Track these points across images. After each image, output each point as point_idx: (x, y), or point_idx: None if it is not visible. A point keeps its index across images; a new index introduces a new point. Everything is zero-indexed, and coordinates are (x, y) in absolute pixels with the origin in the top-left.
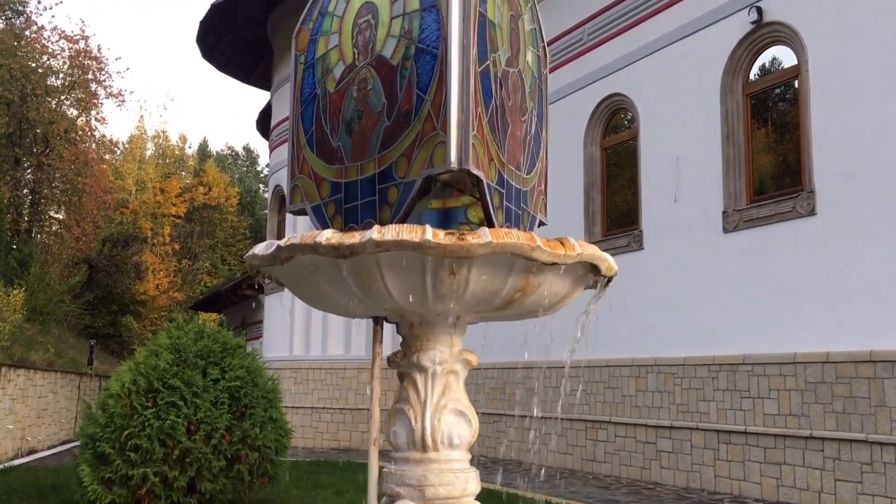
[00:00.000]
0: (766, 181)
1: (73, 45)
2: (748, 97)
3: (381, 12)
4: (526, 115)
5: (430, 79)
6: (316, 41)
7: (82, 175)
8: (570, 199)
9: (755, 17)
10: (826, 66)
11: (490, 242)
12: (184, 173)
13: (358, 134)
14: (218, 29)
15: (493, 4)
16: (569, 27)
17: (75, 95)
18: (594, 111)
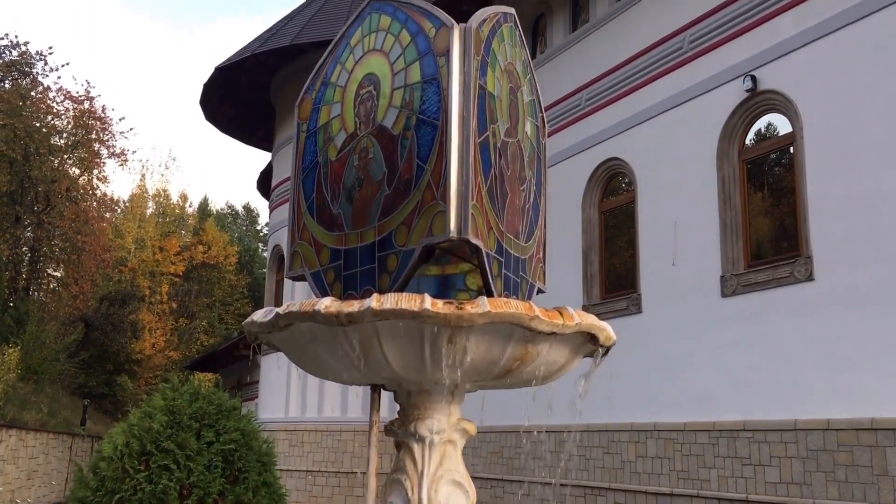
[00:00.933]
0: (763, 246)
1: (78, 105)
2: (744, 163)
3: (382, 83)
4: (525, 184)
5: (431, 149)
6: (318, 110)
7: (82, 233)
8: (568, 262)
9: (750, 85)
10: (821, 133)
11: (489, 312)
12: (183, 232)
13: (358, 202)
14: (221, 91)
15: (493, 77)
16: (567, 93)
17: (78, 155)
18: (592, 175)
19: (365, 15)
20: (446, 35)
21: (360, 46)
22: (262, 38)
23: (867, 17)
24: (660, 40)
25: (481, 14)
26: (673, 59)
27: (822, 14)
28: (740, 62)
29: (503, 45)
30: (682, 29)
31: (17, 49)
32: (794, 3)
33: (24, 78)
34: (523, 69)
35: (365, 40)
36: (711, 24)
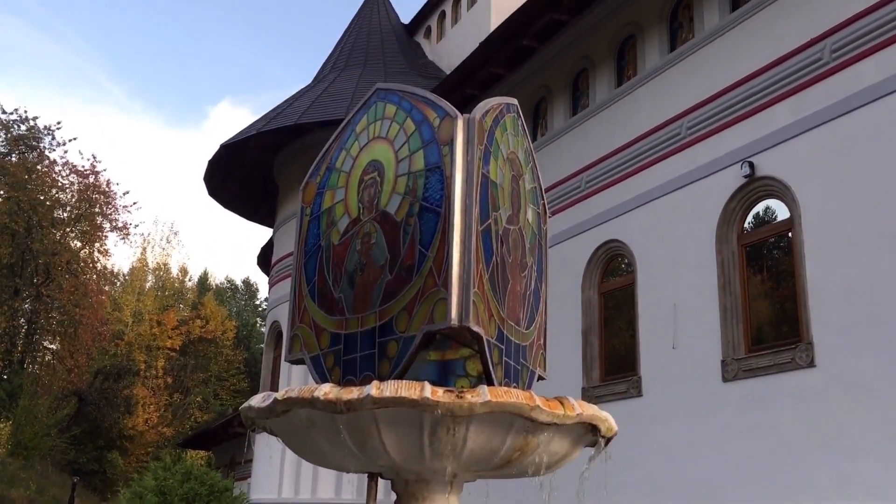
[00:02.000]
0: (764, 330)
1: (83, 179)
2: (743, 247)
3: (387, 170)
4: (526, 271)
5: (433, 236)
6: (322, 194)
7: (80, 306)
8: (568, 343)
9: (748, 171)
10: (819, 219)
11: (489, 401)
12: (182, 305)
13: (360, 286)
14: (226, 168)
15: (496, 166)
16: (567, 174)
17: (80, 228)
18: (592, 256)
19: (371, 103)
20: (450, 125)
21: (366, 133)
22: (268, 116)
23: (862, 107)
24: (658, 126)
25: (485, 105)
26: (671, 144)
27: (817, 104)
28: (738, 148)
29: (506, 134)
30: (679, 115)
31: (26, 123)
32: (790, 93)
33: (31, 152)
34: (525, 157)
35: (370, 128)
36: (709, 112)
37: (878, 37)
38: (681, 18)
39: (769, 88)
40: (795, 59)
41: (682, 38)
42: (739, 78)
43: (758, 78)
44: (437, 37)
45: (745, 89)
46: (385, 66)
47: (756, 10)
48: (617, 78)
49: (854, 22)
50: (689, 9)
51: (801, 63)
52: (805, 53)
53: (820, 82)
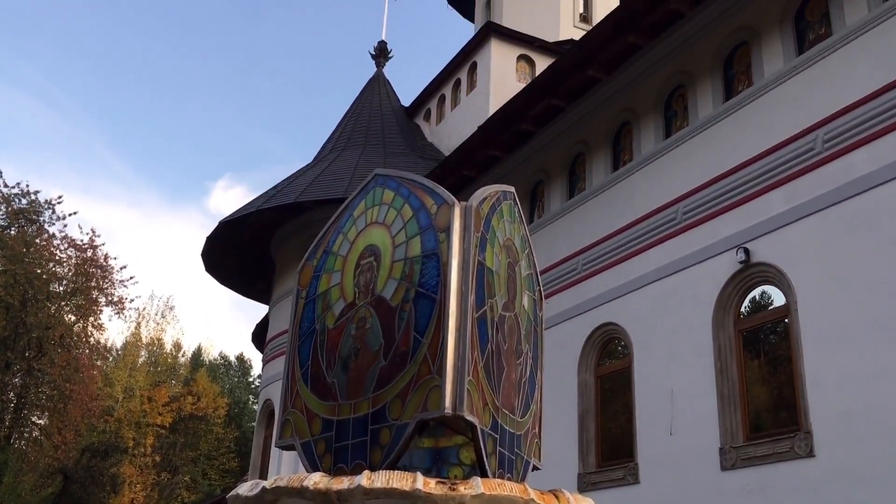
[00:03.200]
0: (762, 417)
1: (81, 253)
2: (740, 332)
3: (383, 255)
4: (521, 358)
5: (429, 322)
6: (319, 277)
7: (71, 381)
8: (564, 427)
9: (743, 257)
10: (815, 306)
11: (482, 494)
12: (174, 381)
13: (353, 372)
14: (224, 244)
15: (492, 253)
16: (564, 257)
17: (76, 302)
18: (588, 339)
19: (369, 188)
20: (447, 212)
21: (363, 218)
22: (268, 194)
23: (855, 196)
24: (654, 211)
25: (482, 192)
26: (667, 229)
27: (811, 192)
28: (733, 234)
29: (502, 221)
30: (675, 201)
31: (27, 197)
32: (784, 181)
33: (30, 225)
34: (521, 244)
35: (368, 212)
36: (704, 198)
37: (870, 128)
38: (675, 107)
39: (763, 176)
40: (788, 149)
41: (676, 125)
42: (734, 165)
43: (752, 166)
44: (436, 119)
45: (740, 176)
46: (385, 147)
47: (748, 101)
48: (613, 163)
49: (846, 113)
50: (683, 98)
51: (795, 152)
52: (798, 143)
53: (813, 171)
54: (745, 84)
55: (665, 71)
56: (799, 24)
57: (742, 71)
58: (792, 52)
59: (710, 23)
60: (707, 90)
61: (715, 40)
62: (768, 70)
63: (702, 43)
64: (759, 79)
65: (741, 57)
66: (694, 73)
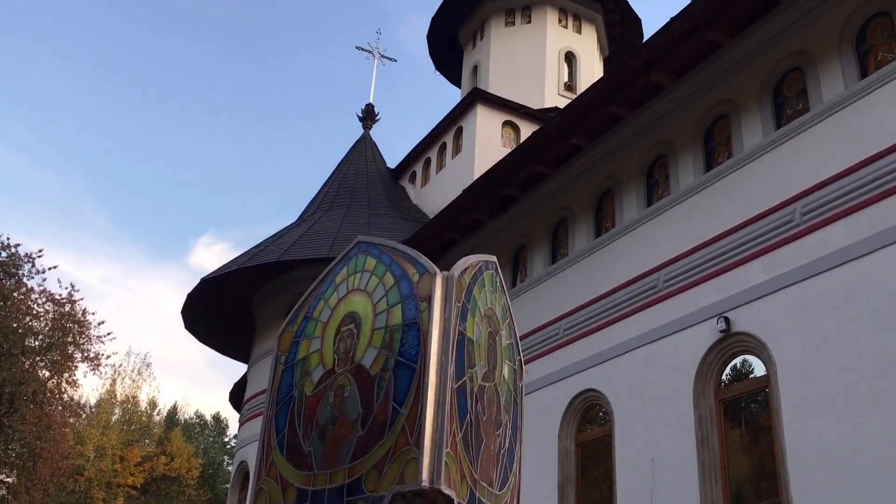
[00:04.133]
0: (743, 487)
1: (59, 308)
2: (721, 402)
3: (364, 323)
4: (500, 429)
5: (407, 392)
6: (298, 343)
7: (42, 439)
8: (544, 496)
9: (724, 326)
10: (795, 377)
11: None
12: (147, 440)
13: (330, 441)
14: (204, 301)
15: (473, 322)
16: (545, 321)
17: (51, 357)
18: (569, 405)
19: (351, 255)
20: (429, 281)
21: (345, 285)
22: (250, 252)
23: (832, 269)
24: (635, 278)
25: (464, 262)
26: (648, 296)
27: (789, 264)
28: (714, 303)
29: (484, 291)
30: (656, 268)
31: (7, 251)
32: (763, 252)
33: (9, 279)
34: (503, 313)
35: (350, 279)
36: (685, 266)
37: (847, 202)
38: (657, 176)
39: (743, 246)
40: (768, 220)
41: (658, 194)
42: (714, 235)
43: (732, 236)
44: (421, 182)
45: (720, 246)
46: (369, 208)
47: (728, 172)
48: (596, 229)
49: (823, 187)
50: (665, 167)
51: (774, 224)
52: (777, 214)
53: (791, 243)
54: (725, 155)
55: (647, 141)
56: (777, 98)
57: (722, 143)
58: (771, 126)
59: (690, 96)
60: (688, 160)
61: (696, 112)
62: (748, 143)
63: (683, 115)
64: (739, 151)
65: (721, 129)
66: (675, 144)
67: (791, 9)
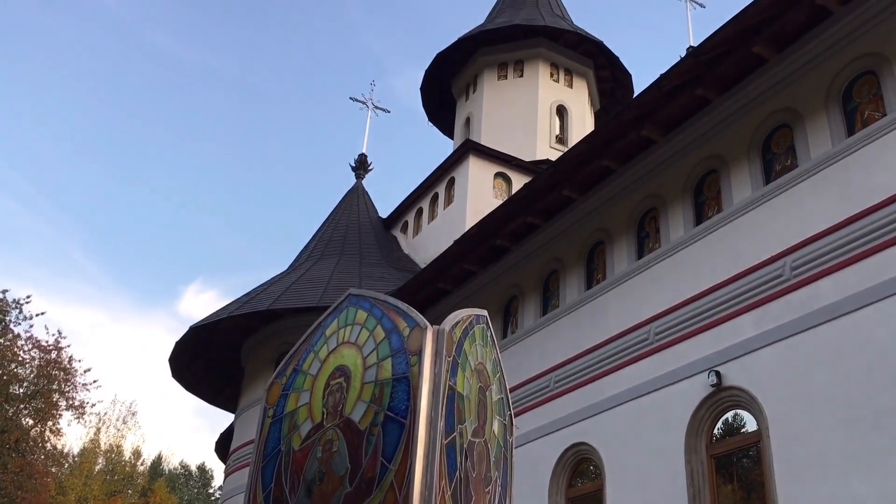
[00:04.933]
0: None
1: (45, 355)
2: (712, 457)
3: (353, 377)
4: (490, 486)
5: (397, 448)
6: (287, 396)
7: (23, 489)
8: None
9: (715, 380)
10: (787, 434)
11: None
12: (130, 491)
13: (317, 496)
14: (193, 349)
15: (463, 377)
16: (536, 373)
17: (35, 405)
18: (559, 459)
19: (342, 308)
20: (419, 336)
21: (335, 337)
22: (240, 300)
23: (822, 324)
24: (626, 330)
25: (455, 316)
26: (639, 349)
27: (780, 318)
28: (704, 357)
29: (475, 345)
30: (647, 321)
31: None
32: (753, 306)
33: None
34: (493, 368)
35: (340, 332)
36: (676, 319)
37: (836, 258)
38: (647, 229)
39: (733, 300)
40: (757, 274)
41: (648, 246)
42: (704, 288)
43: (722, 289)
44: (413, 231)
45: (711, 300)
46: (361, 258)
47: (718, 226)
48: (587, 281)
49: (812, 242)
50: (656, 220)
51: (763, 278)
52: (766, 269)
53: (781, 297)
54: (715, 210)
55: (638, 194)
56: (766, 154)
57: (712, 197)
58: (760, 181)
59: (680, 150)
60: (678, 214)
61: (685, 167)
62: (737, 197)
63: (673, 169)
64: (729, 205)
65: (711, 183)
66: (666, 197)
67: (779, 67)
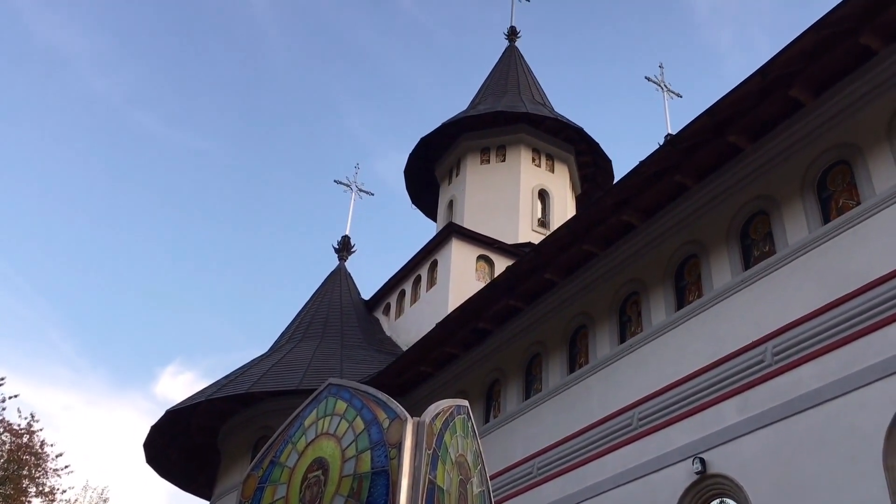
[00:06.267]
0: None
1: (17, 439)
2: None
3: (332, 469)
4: None
5: None
6: (263, 490)
7: None
8: None
9: (699, 467)
10: None
11: None
12: None
13: None
14: (168, 434)
15: (444, 470)
16: (519, 459)
17: (3, 491)
18: None
19: (322, 398)
20: (400, 428)
21: (314, 428)
22: (219, 383)
23: (805, 411)
24: (609, 415)
25: (435, 407)
26: (623, 434)
27: (763, 404)
28: (689, 443)
29: (455, 437)
30: (630, 406)
31: None
32: (737, 391)
33: None
34: (474, 460)
35: (319, 422)
36: (659, 404)
37: (817, 343)
38: (629, 313)
39: (716, 386)
40: (739, 359)
41: (631, 331)
42: (687, 374)
43: (705, 375)
44: (395, 314)
45: (693, 385)
46: (342, 340)
47: (699, 311)
48: (569, 365)
49: (793, 328)
50: (637, 304)
51: (746, 363)
52: (748, 354)
53: (764, 383)
54: (695, 294)
55: (619, 278)
56: (744, 240)
57: (693, 282)
58: (739, 267)
59: (660, 235)
60: (660, 298)
61: (666, 251)
62: (717, 282)
63: (654, 253)
64: (709, 290)
65: (692, 268)
66: (647, 282)
67: (754, 155)
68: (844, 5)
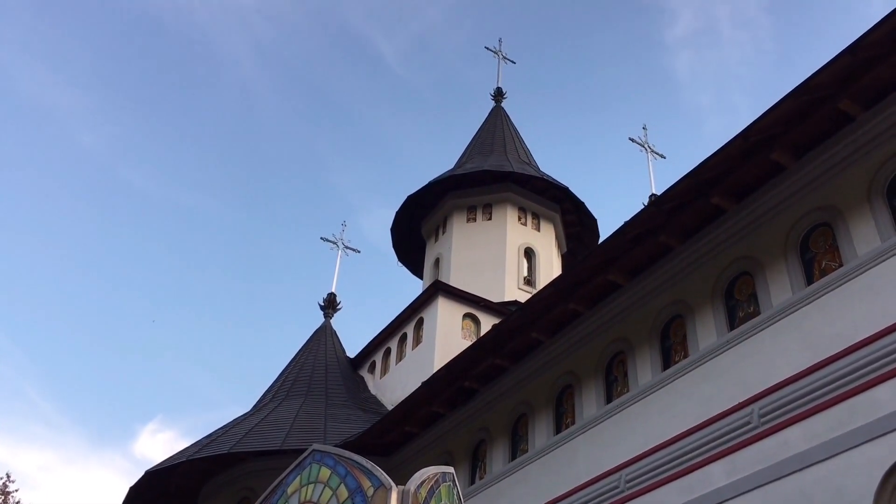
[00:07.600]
0: None
1: None
2: None
3: None
4: None
5: None
6: None
7: None
8: None
9: None
10: None
11: None
12: None
13: None
14: (147, 495)
15: None
16: None
17: None
18: None
19: (305, 464)
20: (384, 496)
21: (297, 496)
22: (200, 443)
23: (794, 473)
24: (597, 477)
25: (421, 475)
26: (610, 497)
27: (751, 466)
28: None
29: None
30: (618, 468)
31: None
32: (724, 453)
33: None
34: None
35: (302, 490)
36: (646, 466)
37: (803, 405)
38: (615, 373)
39: (703, 448)
40: (726, 421)
41: (617, 391)
42: (674, 435)
43: (691, 436)
44: (381, 372)
45: (680, 447)
46: (327, 398)
47: (685, 371)
48: (556, 425)
49: (779, 389)
50: (624, 364)
51: (732, 425)
52: (734, 416)
53: (751, 445)
54: (681, 354)
55: (605, 337)
56: (729, 301)
57: (678, 342)
58: (724, 327)
59: (646, 295)
60: (646, 358)
61: (651, 311)
62: (703, 342)
63: (639, 313)
64: (695, 350)
65: (677, 328)
66: (632, 341)
67: (737, 217)
68: (821, 73)
